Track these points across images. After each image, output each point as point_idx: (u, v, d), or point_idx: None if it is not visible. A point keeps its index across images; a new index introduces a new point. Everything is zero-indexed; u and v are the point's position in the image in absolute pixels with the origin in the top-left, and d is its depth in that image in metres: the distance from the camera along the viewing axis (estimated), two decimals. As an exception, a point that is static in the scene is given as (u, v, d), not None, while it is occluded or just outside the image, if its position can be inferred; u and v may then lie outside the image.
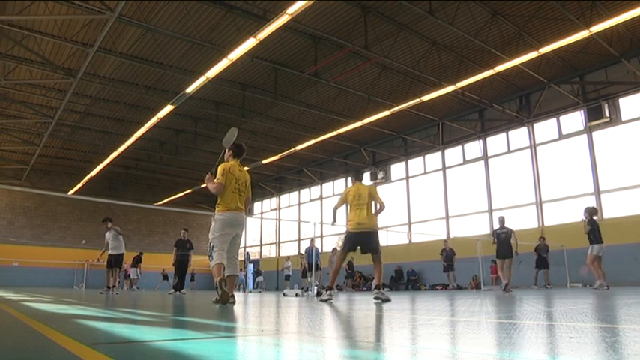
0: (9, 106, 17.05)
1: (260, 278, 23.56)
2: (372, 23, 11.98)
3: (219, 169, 5.50)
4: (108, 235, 11.73)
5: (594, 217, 10.42)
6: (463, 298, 6.84)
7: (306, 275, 18.02)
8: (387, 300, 5.87)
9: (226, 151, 5.76)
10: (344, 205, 6.89)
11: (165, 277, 22.07)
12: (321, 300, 6.23)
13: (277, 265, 25.11)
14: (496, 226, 11.35)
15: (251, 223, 31.19)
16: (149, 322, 3.12)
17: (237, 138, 5.77)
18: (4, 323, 3.02)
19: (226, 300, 4.93)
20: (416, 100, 14.89)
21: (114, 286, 11.64)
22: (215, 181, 5.42)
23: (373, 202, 6.60)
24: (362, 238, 6.34)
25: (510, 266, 10.66)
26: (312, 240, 15.68)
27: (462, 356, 1.48)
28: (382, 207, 6.57)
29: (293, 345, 1.84)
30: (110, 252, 11.58)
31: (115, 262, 11.56)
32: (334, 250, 18.37)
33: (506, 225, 10.94)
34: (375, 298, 5.99)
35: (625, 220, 13.47)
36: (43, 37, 12.08)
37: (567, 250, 13.91)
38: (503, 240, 10.82)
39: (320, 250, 23.52)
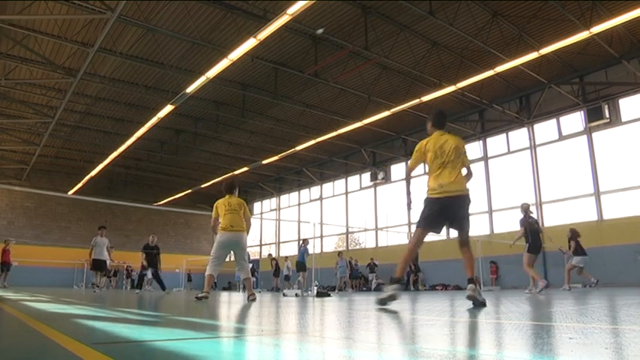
0: (9, 105, 17.04)
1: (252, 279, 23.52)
2: (372, 23, 11.98)
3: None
4: (99, 240, 12.66)
5: (577, 238, 10.72)
6: (463, 299, 6.83)
7: (279, 275, 19.79)
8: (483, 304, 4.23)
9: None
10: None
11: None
12: (381, 303, 4.20)
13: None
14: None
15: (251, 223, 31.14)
16: (148, 322, 3.12)
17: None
18: (4, 323, 3.02)
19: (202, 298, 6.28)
20: (416, 101, 14.89)
21: (97, 286, 13.10)
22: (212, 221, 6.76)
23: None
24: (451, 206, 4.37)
25: None
26: (306, 240, 15.72)
27: (461, 357, 1.48)
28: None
29: (293, 345, 1.84)
30: (96, 257, 12.59)
31: (101, 266, 12.82)
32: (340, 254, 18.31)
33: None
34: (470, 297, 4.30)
35: (625, 220, 13.46)
36: (43, 36, 12.08)
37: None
38: None
39: (320, 251, 23.64)
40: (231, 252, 6.82)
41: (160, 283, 12.92)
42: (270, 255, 22.74)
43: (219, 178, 24.44)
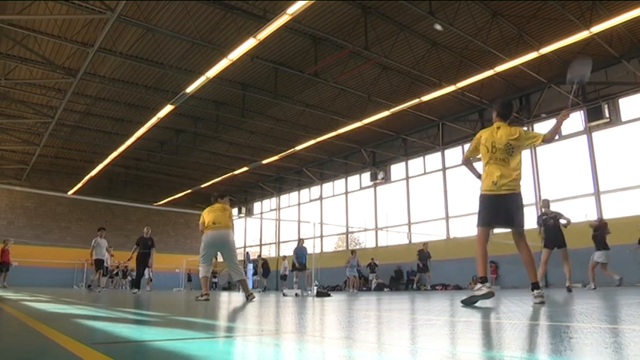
0: (9, 105, 17.03)
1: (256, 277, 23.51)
2: (372, 23, 11.97)
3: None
4: (99, 241, 13.41)
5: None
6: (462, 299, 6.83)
7: (268, 275, 20.86)
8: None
9: None
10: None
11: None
12: (470, 302, 4.28)
13: (277, 265, 25.11)
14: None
15: (251, 223, 31.19)
16: (149, 322, 3.13)
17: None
18: (4, 323, 3.02)
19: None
20: (416, 101, 14.88)
21: (98, 285, 13.98)
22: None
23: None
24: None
25: None
26: (302, 240, 15.72)
27: (461, 357, 1.48)
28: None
29: (292, 345, 1.84)
30: (98, 257, 13.35)
31: (102, 264, 13.68)
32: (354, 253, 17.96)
33: None
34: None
35: (625, 220, 13.45)
36: (43, 36, 12.07)
37: (567, 250, 13.88)
38: None
39: (320, 251, 23.64)
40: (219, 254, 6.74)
41: (137, 278, 12.97)
42: (259, 256, 23.02)
43: (219, 178, 24.45)
